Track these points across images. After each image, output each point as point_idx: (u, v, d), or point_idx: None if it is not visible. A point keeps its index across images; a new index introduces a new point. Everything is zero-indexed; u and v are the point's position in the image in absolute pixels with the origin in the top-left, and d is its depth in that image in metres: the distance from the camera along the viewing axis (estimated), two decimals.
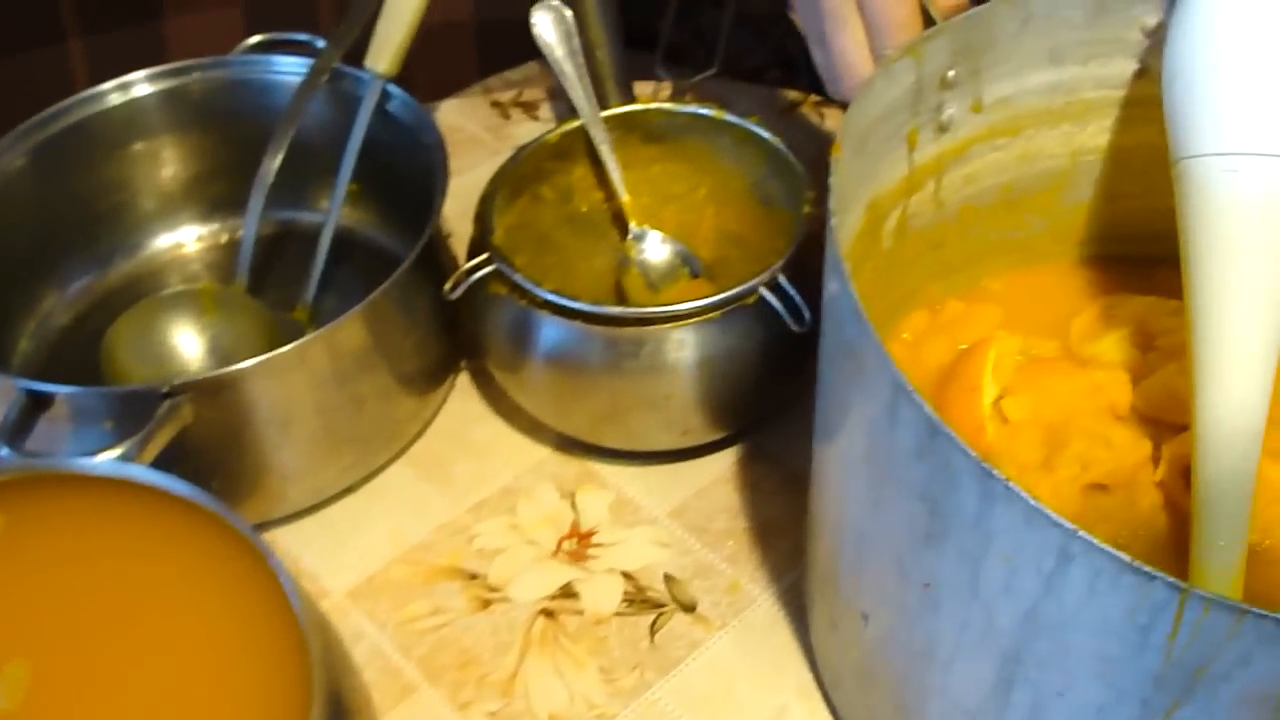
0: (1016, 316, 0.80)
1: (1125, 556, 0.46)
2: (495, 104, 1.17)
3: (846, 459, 0.62)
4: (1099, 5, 0.74)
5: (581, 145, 0.90)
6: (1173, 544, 0.70)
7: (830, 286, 0.62)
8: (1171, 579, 0.46)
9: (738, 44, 1.10)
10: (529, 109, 1.16)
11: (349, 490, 0.86)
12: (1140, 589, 0.47)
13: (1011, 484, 0.48)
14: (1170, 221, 0.68)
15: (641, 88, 1.05)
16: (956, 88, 0.72)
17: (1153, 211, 0.72)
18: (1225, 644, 0.47)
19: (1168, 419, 0.74)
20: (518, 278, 0.80)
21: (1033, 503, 0.48)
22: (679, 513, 0.84)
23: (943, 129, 0.74)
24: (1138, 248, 0.80)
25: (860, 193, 0.69)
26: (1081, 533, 0.47)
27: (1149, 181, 0.73)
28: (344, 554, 0.82)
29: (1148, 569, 0.46)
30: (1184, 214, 0.70)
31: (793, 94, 1.10)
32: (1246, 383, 0.68)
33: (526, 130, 1.13)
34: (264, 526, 0.83)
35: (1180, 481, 0.71)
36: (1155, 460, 0.73)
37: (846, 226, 0.68)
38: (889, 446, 0.55)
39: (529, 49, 0.92)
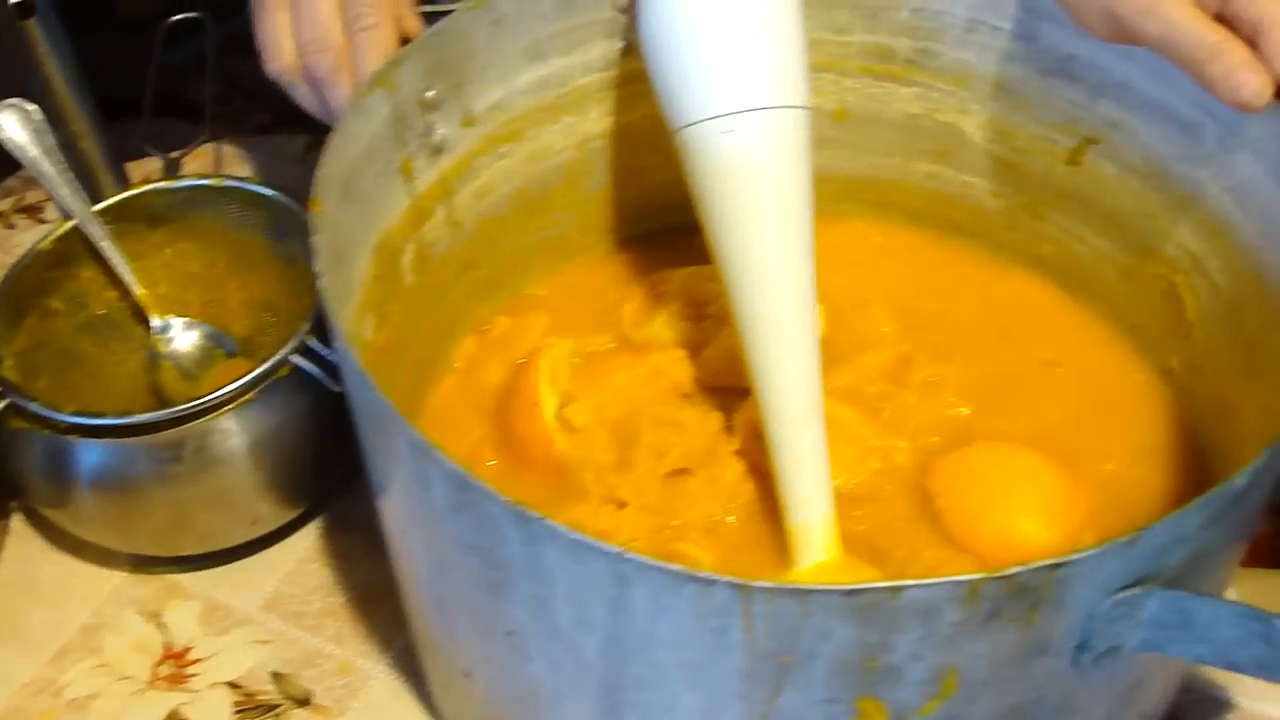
0: (565, 318, 0.79)
1: (678, 568, 0.44)
2: None
3: (400, 520, 0.58)
4: None
5: (82, 246, 0.83)
6: (767, 509, 0.69)
7: (337, 353, 0.58)
8: (730, 579, 0.44)
9: (235, 105, 1.06)
10: (33, 213, 1.08)
11: None
12: (703, 595, 0.45)
13: (549, 520, 0.45)
14: None
15: (138, 167, 0.99)
16: (441, 106, 0.70)
17: (673, 181, 0.71)
18: (800, 626, 0.45)
19: (734, 385, 0.73)
20: (34, 407, 0.73)
21: (574, 536, 0.45)
22: (272, 604, 0.79)
23: (438, 151, 0.71)
24: (668, 219, 0.79)
25: (361, 238, 0.65)
26: (630, 554, 0.44)
27: (661, 153, 0.72)
28: None
29: (704, 575, 0.44)
30: (693, 181, 0.69)
31: (302, 138, 1.06)
32: (790, 333, 0.67)
33: (35, 236, 1.05)
34: None
35: (758, 445, 0.70)
36: (730, 430, 0.72)
37: (354, 275, 0.64)
38: (428, 506, 0.52)
39: None
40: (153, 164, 1.00)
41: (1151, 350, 0.76)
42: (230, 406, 0.73)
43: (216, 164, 1.02)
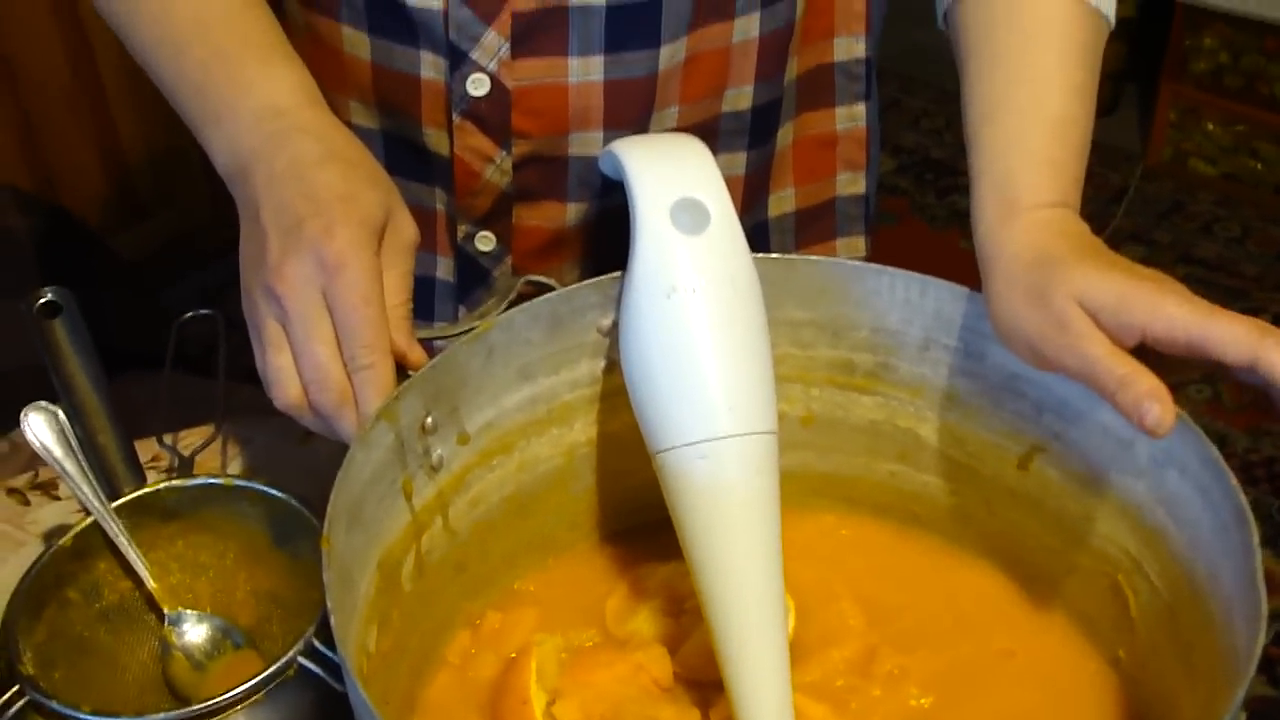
0: (553, 613, 0.84)
1: None
2: (11, 491, 1.14)
3: None
4: (554, 320, 0.79)
5: (99, 539, 0.89)
6: None
7: (342, 668, 0.63)
8: None
9: (244, 395, 1.12)
10: (48, 490, 1.13)
11: None
12: None
13: None
14: None
15: (147, 446, 1.04)
16: (439, 429, 0.76)
17: (653, 482, 0.78)
18: None
19: (712, 678, 0.78)
20: (54, 704, 0.78)
21: None
22: None
23: (435, 469, 0.77)
24: (650, 515, 0.84)
25: (366, 558, 0.71)
26: None
27: (642, 457, 0.78)
28: None
29: None
30: (669, 498, 0.75)
31: None
32: (760, 639, 0.73)
33: (49, 513, 1.11)
34: None
35: None
36: None
37: (359, 593, 0.70)
38: None
39: (49, 393, 0.91)
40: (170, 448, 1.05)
41: (1101, 641, 0.82)
42: (241, 706, 0.77)
43: (224, 447, 1.08)
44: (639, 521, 0.87)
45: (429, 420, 0.75)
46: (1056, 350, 0.70)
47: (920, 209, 2.94)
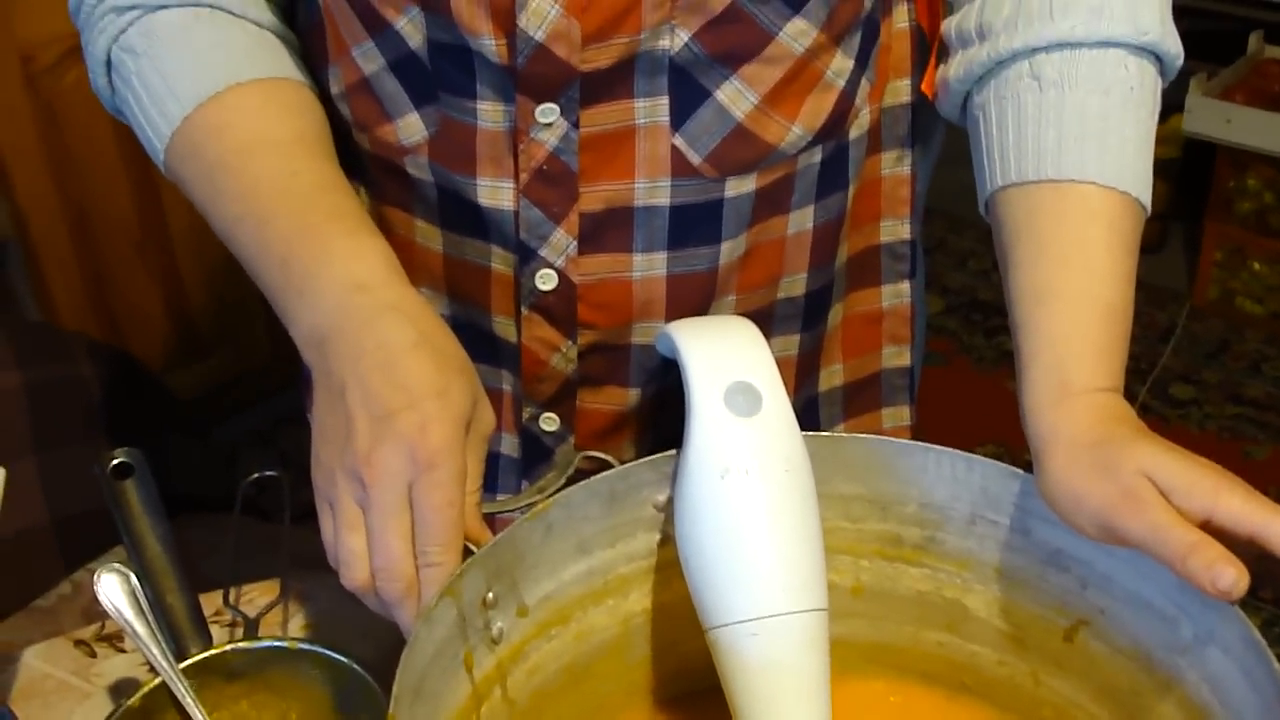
0: None
1: None
2: (79, 643, 1.17)
3: None
4: (611, 496, 0.82)
5: (166, 698, 0.91)
6: None
7: None
8: None
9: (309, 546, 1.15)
10: (114, 642, 1.16)
11: None
12: None
13: None
14: None
15: (211, 600, 1.07)
16: (499, 604, 0.79)
17: (707, 650, 0.80)
18: None
19: None
20: None
21: None
22: None
23: (495, 642, 0.79)
24: (704, 681, 0.86)
25: None
26: None
27: (696, 625, 0.80)
28: None
29: None
30: (723, 675, 0.78)
31: None
32: None
33: (114, 666, 1.13)
34: None
35: None
36: None
37: None
38: None
39: (111, 536, 0.93)
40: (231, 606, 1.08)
41: None
42: None
43: (286, 604, 1.10)
44: (693, 688, 0.89)
45: (490, 595, 0.78)
46: (1126, 519, 0.72)
47: (968, 349, 2.97)
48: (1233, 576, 0.68)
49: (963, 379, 2.84)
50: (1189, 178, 3.10)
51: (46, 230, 2.26)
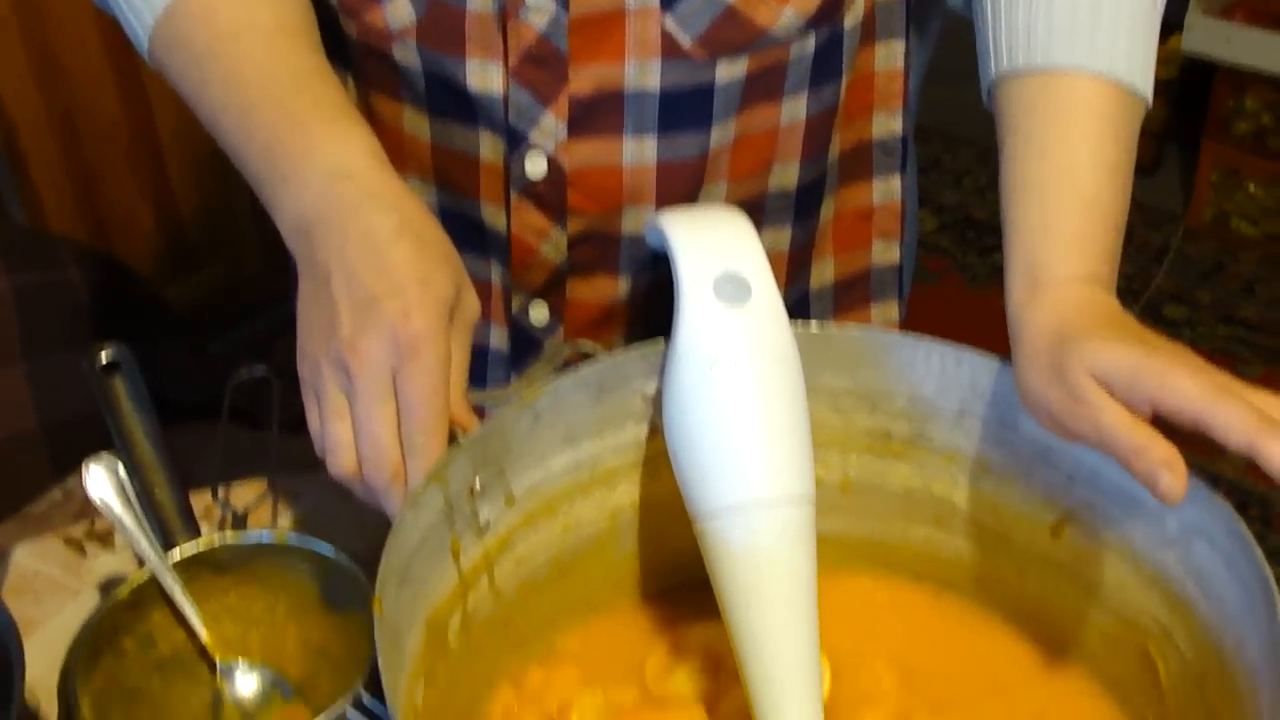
0: (594, 670, 0.86)
1: None
2: (69, 540, 1.17)
3: None
4: (599, 387, 0.82)
5: (154, 589, 0.91)
6: None
7: None
8: None
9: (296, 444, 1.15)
10: (103, 540, 1.16)
11: None
12: None
13: None
14: None
15: (201, 499, 1.07)
16: (486, 492, 0.79)
17: (694, 543, 0.80)
18: None
19: None
20: None
21: None
22: None
23: (482, 531, 0.79)
24: (690, 574, 0.86)
25: (414, 616, 0.73)
26: None
27: (684, 519, 0.80)
28: None
29: None
30: (710, 565, 0.78)
31: None
32: (796, 703, 0.76)
33: (104, 563, 1.14)
34: None
35: None
36: None
37: (407, 650, 0.72)
38: None
39: (101, 441, 0.93)
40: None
41: (1130, 707, 0.83)
42: None
43: (275, 501, 1.10)
44: (679, 582, 0.89)
45: (477, 483, 0.77)
46: (1074, 421, 0.72)
47: (961, 268, 2.96)
48: (1168, 480, 0.67)
49: (956, 296, 2.83)
50: (1186, 98, 3.08)
51: (33, 139, 2.25)
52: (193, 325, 2.21)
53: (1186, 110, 3.08)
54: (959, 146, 3.29)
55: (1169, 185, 3.18)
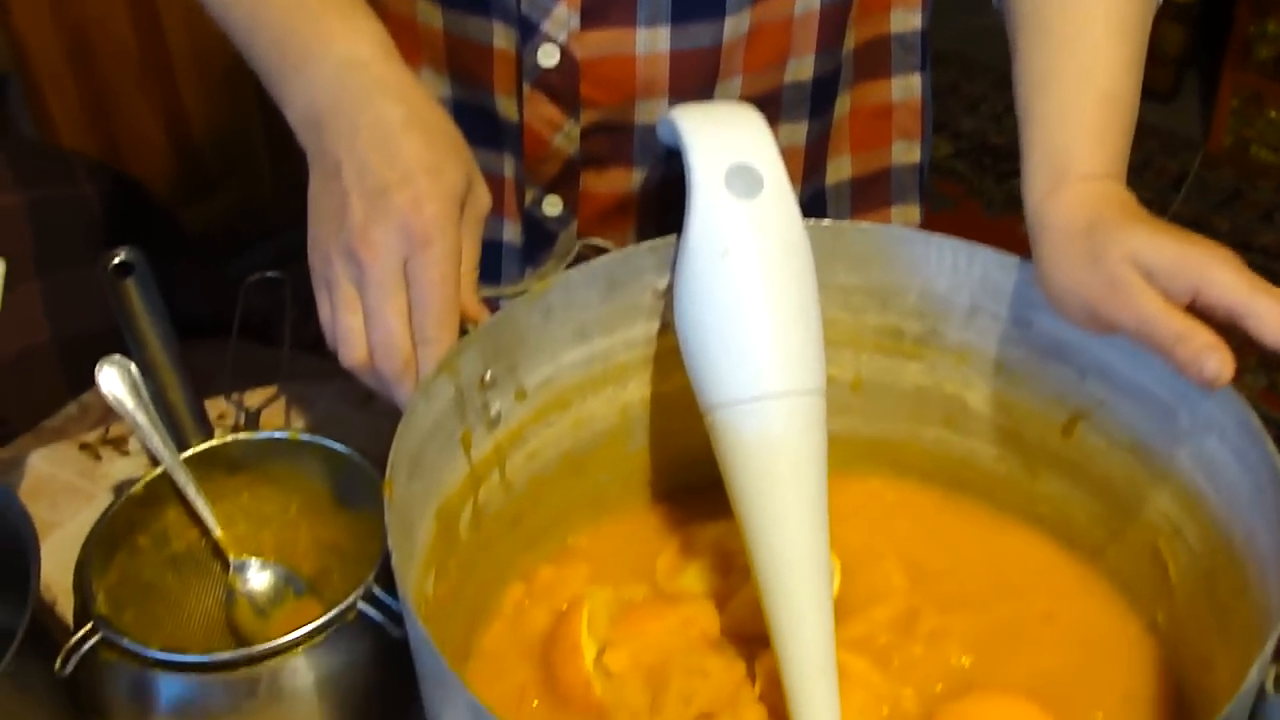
0: (605, 568, 0.86)
1: None
2: (84, 446, 1.18)
3: None
4: (610, 282, 0.82)
5: (168, 488, 0.92)
6: None
7: (403, 612, 0.66)
8: None
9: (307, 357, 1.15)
10: (118, 446, 1.17)
11: None
12: None
13: None
14: None
15: (214, 405, 1.07)
16: (497, 385, 0.79)
17: (705, 441, 0.80)
18: None
19: (758, 633, 0.80)
20: (125, 642, 0.81)
21: None
22: None
23: (493, 423, 0.79)
24: (701, 473, 0.86)
25: (425, 506, 0.74)
26: None
27: (695, 417, 0.80)
28: None
29: None
30: (719, 456, 0.78)
31: None
32: (806, 596, 0.76)
33: (119, 468, 1.14)
34: None
35: (777, 691, 0.77)
36: (752, 677, 0.79)
37: (418, 540, 0.73)
38: None
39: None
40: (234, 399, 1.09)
41: (1140, 605, 0.83)
42: (302, 647, 0.80)
43: (287, 407, 1.11)
44: (690, 480, 0.89)
45: (488, 375, 0.78)
46: (1113, 310, 0.71)
47: (978, 193, 2.95)
48: (1216, 363, 0.67)
49: (972, 223, 2.82)
50: (1207, 22, 3.05)
51: (46, 61, 2.24)
52: (207, 246, 2.21)
53: (1207, 35, 3.05)
54: (975, 72, 3.26)
55: (1188, 111, 3.15)
